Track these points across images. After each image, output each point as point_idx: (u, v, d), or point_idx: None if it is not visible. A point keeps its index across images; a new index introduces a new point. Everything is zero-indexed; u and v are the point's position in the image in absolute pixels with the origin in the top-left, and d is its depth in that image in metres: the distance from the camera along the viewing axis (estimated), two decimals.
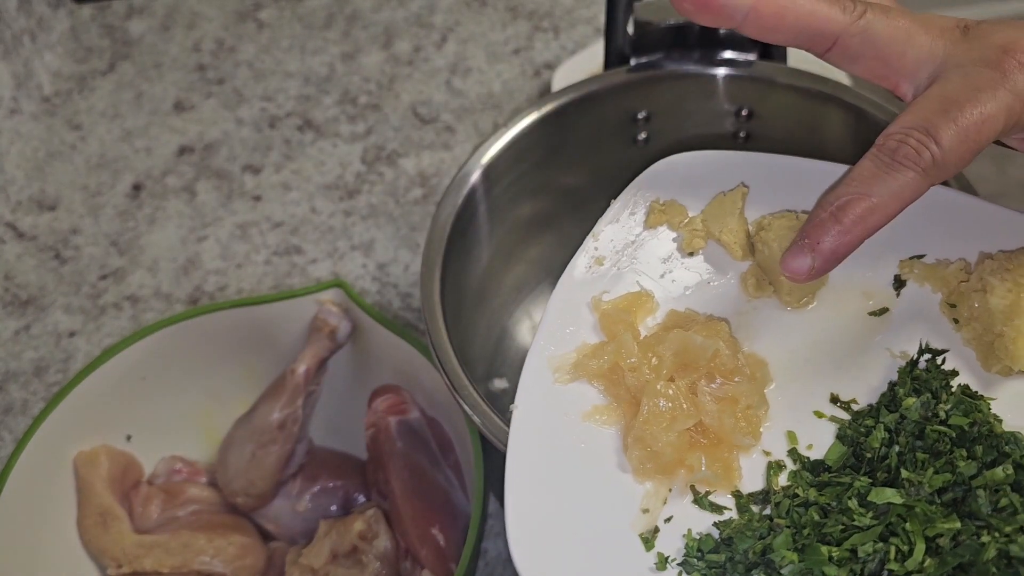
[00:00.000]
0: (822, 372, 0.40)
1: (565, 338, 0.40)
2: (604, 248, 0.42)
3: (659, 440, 0.37)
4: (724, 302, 0.42)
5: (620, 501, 0.37)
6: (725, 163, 0.43)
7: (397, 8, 0.96)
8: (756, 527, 0.36)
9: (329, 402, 0.63)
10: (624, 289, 0.42)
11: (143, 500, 0.60)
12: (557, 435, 0.38)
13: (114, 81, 0.93)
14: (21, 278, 0.80)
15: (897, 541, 0.34)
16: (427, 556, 0.54)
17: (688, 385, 0.38)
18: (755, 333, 0.41)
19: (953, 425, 0.37)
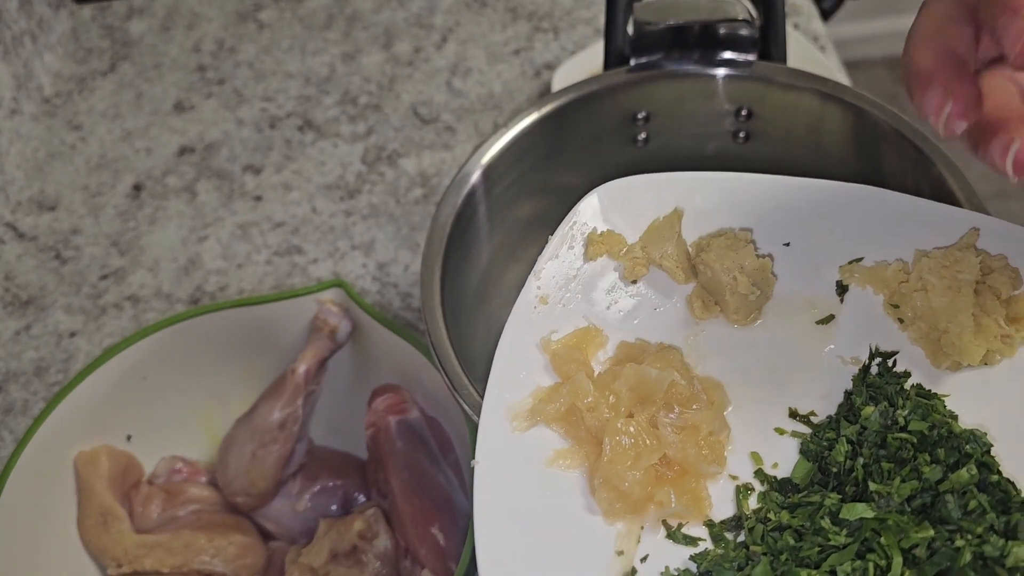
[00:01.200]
0: (778, 388, 0.40)
1: (518, 383, 0.39)
2: (547, 286, 0.42)
3: (625, 479, 0.36)
4: (673, 327, 0.42)
5: (593, 546, 0.36)
6: (657, 186, 0.42)
7: (397, 9, 0.96)
8: (733, 557, 0.35)
9: (329, 402, 0.63)
10: (572, 326, 0.41)
11: (143, 500, 0.60)
12: (521, 485, 0.37)
13: (114, 81, 0.94)
14: (22, 278, 0.80)
15: (874, 557, 0.33)
16: (427, 555, 0.54)
17: (648, 419, 0.38)
18: (707, 355, 0.41)
19: (913, 431, 0.37)
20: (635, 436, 0.37)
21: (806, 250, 0.37)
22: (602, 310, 0.42)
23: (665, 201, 0.42)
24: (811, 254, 0.38)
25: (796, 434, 0.39)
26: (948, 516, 0.34)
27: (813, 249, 0.37)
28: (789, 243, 0.41)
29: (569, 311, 0.41)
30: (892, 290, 0.41)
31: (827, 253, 0.41)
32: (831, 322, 0.41)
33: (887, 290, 0.41)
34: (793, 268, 0.37)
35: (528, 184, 0.61)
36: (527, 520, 0.37)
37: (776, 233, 0.42)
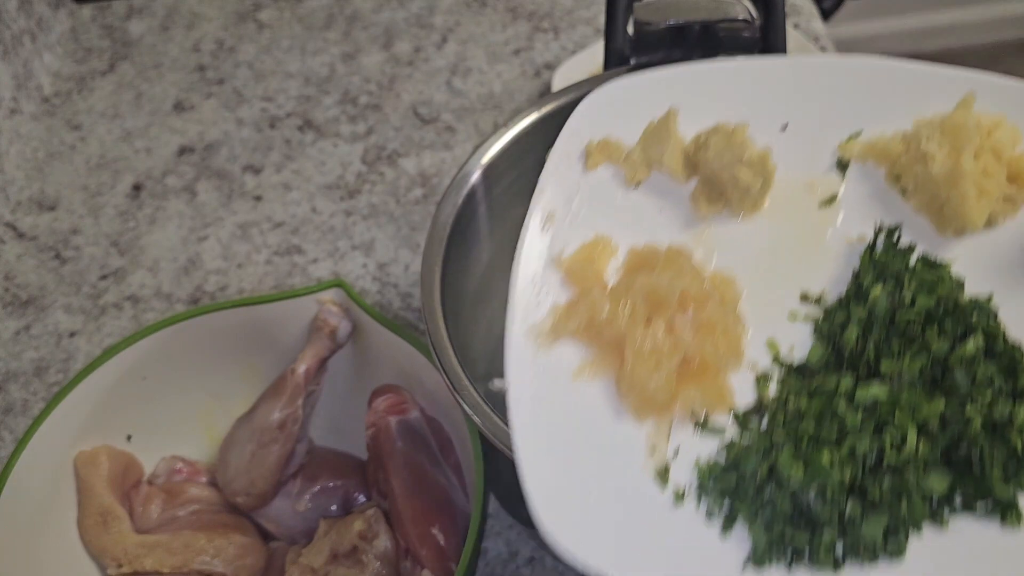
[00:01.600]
0: (787, 274, 0.41)
1: (537, 304, 0.40)
2: (552, 203, 0.42)
3: (650, 382, 0.37)
4: (679, 226, 0.42)
5: (627, 448, 0.38)
6: (647, 86, 0.43)
7: (397, 9, 0.96)
8: (758, 445, 0.36)
9: (329, 402, 0.63)
10: (581, 239, 0.42)
11: (143, 500, 0.60)
12: (553, 400, 0.39)
13: (114, 81, 0.94)
14: (21, 278, 0.80)
15: (890, 433, 0.35)
16: (427, 556, 0.54)
17: (665, 323, 0.38)
18: (715, 250, 0.41)
19: (920, 308, 0.38)
20: (654, 341, 0.38)
21: (803, 131, 0.38)
22: (609, 219, 0.42)
23: (658, 101, 0.42)
24: (809, 135, 0.39)
25: (809, 317, 0.40)
26: (957, 387, 0.35)
27: (810, 129, 0.38)
28: (787, 125, 0.41)
29: (577, 225, 0.42)
30: (893, 161, 0.41)
31: (825, 132, 0.41)
32: (834, 202, 0.41)
33: (888, 162, 0.41)
34: (792, 153, 0.38)
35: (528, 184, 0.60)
36: (562, 432, 0.38)
37: (772, 117, 0.42)
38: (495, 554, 0.61)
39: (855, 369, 0.38)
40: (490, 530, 0.62)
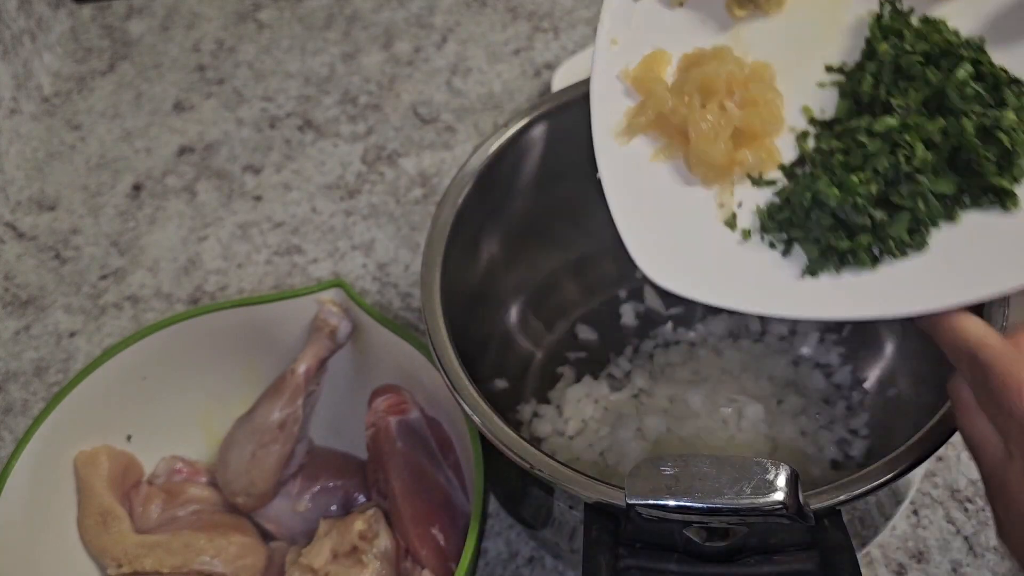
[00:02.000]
0: (813, 52, 0.49)
1: (613, 110, 0.49)
2: (613, 30, 0.50)
3: (712, 153, 0.46)
4: (719, 31, 0.51)
5: (701, 206, 0.47)
6: None
7: (397, 9, 0.96)
8: (803, 183, 0.45)
9: (329, 402, 0.63)
10: (641, 54, 0.50)
11: (143, 500, 0.60)
12: (639, 179, 0.48)
13: (114, 81, 0.94)
14: (21, 278, 0.80)
15: (902, 150, 0.43)
16: (427, 556, 0.54)
17: (718, 105, 0.47)
18: (751, 45, 0.50)
19: (919, 50, 0.45)
20: (711, 120, 0.47)
21: None
22: (661, 35, 0.50)
23: None
24: None
25: (834, 83, 0.48)
26: (953, 106, 0.43)
27: None
28: None
29: (636, 44, 0.50)
30: None
31: None
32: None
33: None
34: None
35: (529, 183, 0.61)
36: (649, 201, 0.47)
37: None
38: (495, 554, 0.61)
39: (872, 111, 0.46)
40: (490, 530, 0.62)
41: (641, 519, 0.42)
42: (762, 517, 0.41)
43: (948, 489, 0.62)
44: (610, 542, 0.43)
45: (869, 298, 0.43)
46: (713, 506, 0.40)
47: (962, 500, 0.61)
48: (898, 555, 0.59)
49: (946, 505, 0.61)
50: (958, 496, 0.61)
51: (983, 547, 0.59)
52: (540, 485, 0.50)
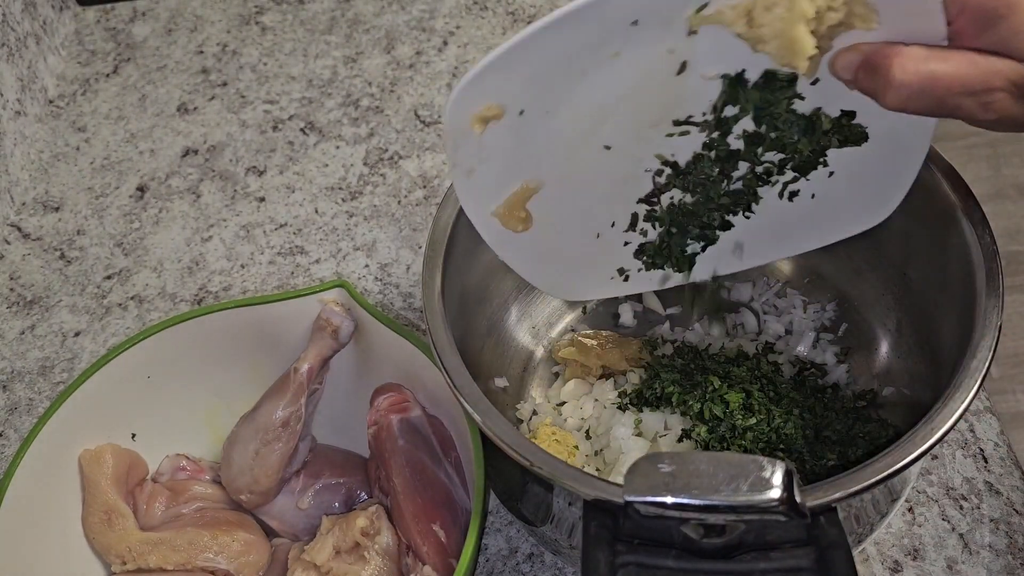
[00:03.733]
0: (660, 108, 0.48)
1: (492, 221, 0.51)
2: (467, 163, 0.48)
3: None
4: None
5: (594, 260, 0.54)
6: (496, 65, 0.46)
7: (399, 12, 0.97)
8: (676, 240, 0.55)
9: (332, 400, 0.64)
10: (499, 187, 0.50)
11: (148, 498, 0.61)
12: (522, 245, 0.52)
13: (118, 84, 0.94)
14: (26, 278, 0.80)
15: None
16: (428, 552, 0.54)
17: None
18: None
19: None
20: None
21: (653, 21, 0.43)
22: (514, 161, 0.50)
23: (511, 70, 0.46)
24: (659, 21, 0.43)
25: (683, 134, 0.49)
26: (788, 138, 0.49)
27: (660, 16, 0.43)
28: (636, 21, 0.44)
29: (490, 173, 0.50)
30: (730, 22, 0.45)
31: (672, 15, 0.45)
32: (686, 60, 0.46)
33: (732, 27, 0.45)
34: (648, 33, 0.43)
35: None
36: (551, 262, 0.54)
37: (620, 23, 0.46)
38: (495, 550, 0.62)
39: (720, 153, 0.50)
40: (490, 527, 0.63)
41: (639, 516, 0.42)
42: (758, 514, 0.41)
43: (943, 487, 0.62)
44: (608, 538, 0.44)
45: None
46: (710, 503, 0.41)
47: (957, 498, 0.62)
48: (893, 552, 0.60)
49: (941, 503, 0.61)
50: (953, 494, 0.62)
51: (978, 544, 0.60)
52: (540, 482, 0.51)
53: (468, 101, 0.45)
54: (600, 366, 0.64)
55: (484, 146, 0.47)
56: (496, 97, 0.45)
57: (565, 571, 0.61)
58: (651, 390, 0.58)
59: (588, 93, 0.46)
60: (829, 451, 0.55)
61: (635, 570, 0.43)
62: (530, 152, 0.48)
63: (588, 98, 0.46)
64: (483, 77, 0.44)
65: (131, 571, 0.57)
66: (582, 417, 0.62)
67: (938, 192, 0.53)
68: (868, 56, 0.42)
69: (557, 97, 0.46)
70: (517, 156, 0.48)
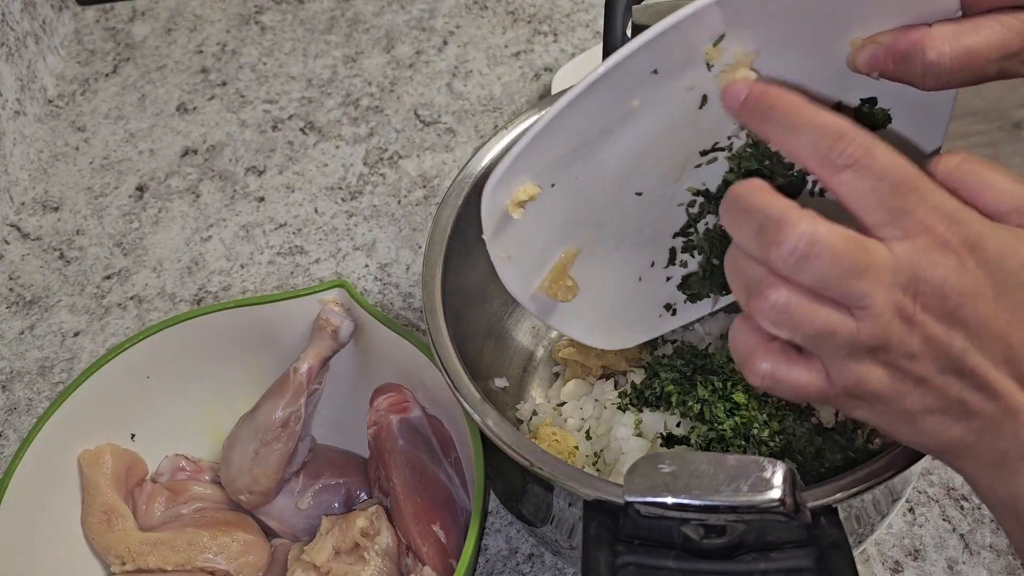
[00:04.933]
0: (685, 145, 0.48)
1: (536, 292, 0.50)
2: (503, 248, 0.48)
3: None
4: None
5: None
6: (526, 155, 0.45)
7: (398, 12, 0.97)
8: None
9: (332, 401, 0.64)
10: (540, 263, 0.50)
11: (147, 498, 0.61)
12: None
13: (118, 83, 0.94)
14: (26, 278, 0.80)
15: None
16: (428, 552, 0.54)
17: None
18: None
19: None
20: None
21: (670, 69, 0.43)
22: (546, 239, 0.50)
23: (537, 157, 0.46)
24: (677, 65, 0.43)
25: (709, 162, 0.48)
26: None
27: (677, 62, 0.43)
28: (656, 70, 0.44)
29: (528, 254, 0.49)
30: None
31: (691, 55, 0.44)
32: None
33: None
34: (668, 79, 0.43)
35: None
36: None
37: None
38: (495, 551, 0.62)
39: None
40: (490, 527, 0.63)
41: (639, 516, 0.42)
42: (759, 514, 0.41)
43: (944, 487, 0.62)
44: (609, 539, 0.44)
45: None
46: (710, 503, 0.41)
47: (958, 498, 0.61)
48: (894, 552, 0.60)
49: (942, 503, 0.61)
50: (954, 494, 0.62)
51: (979, 545, 0.60)
52: (540, 483, 0.51)
53: (504, 189, 0.45)
54: (600, 366, 0.63)
55: (520, 228, 0.46)
56: (529, 177, 0.45)
57: (565, 571, 0.61)
58: (651, 390, 0.58)
59: (614, 150, 0.45)
60: (829, 451, 0.55)
61: (635, 570, 0.43)
62: (565, 221, 0.48)
63: (615, 155, 0.46)
64: (516, 166, 0.44)
65: (130, 571, 0.57)
66: (582, 417, 0.62)
67: None
68: (893, 45, 0.41)
69: (585, 162, 0.45)
70: (553, 229, 0.48)
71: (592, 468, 0.58)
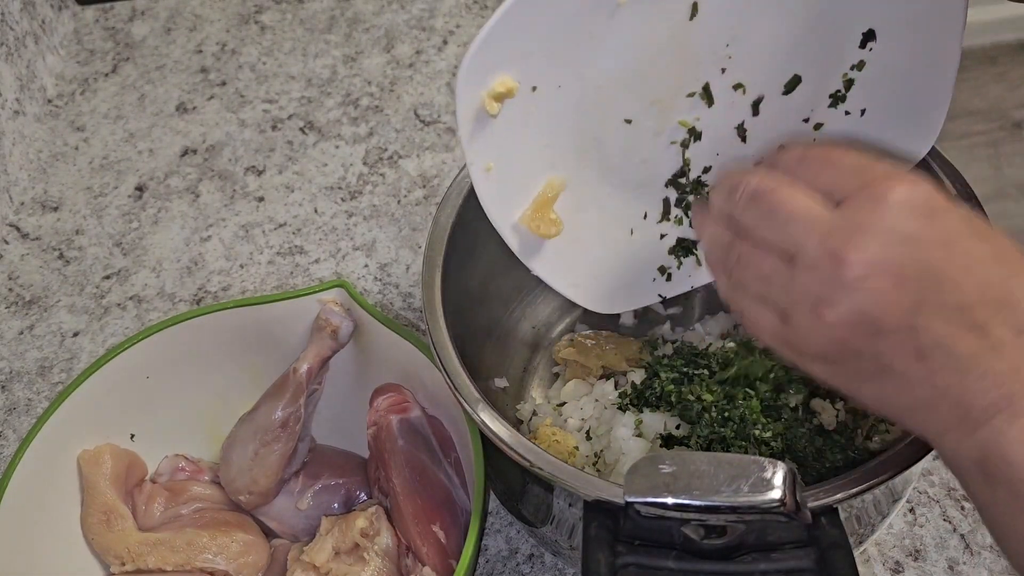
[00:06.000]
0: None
1: (516, 226, 0.50)
2: (482, 157, 0.47)
3: None
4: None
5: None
6: (504, 28, 0.44)
7: (398, 11, 0.97)
8: None
9: (331, 401, 0.64)
10: (522, 186, 0.49)
11: (147, 498, 0.61)
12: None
13: (117, 83, 0.94)
14: (25, 278, 0.80)
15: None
16: (428, 553, 0.54)
17: None
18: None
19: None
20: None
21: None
22: (526, 151, 0.48)
23: (518, 35, 0.45)
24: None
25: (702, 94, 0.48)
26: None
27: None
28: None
29: (510, 170, 0.48)
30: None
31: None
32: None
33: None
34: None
35: None
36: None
37: None
38: (495, 551, 0.62)
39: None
40: (490, 527, 0.63)
41: (640, 517, 0.42)
42: (759, 515, 0.41)
43: (945, 487, 0.62)
44: (609, 539, 0.44)
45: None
46: (711, 504, 0.41)
47: (958, 499, 0.61)
48: (895, 553, 0.60)
49: (943, 503, 0.61)
50: (955, 495, 0.62)
51: (979, 545, 0.59)
52: (540, 483, 0.51)
53: (478, 74, 0.43)
54: (600, 366, 0.63)
55: (500, 134, 0.45)
56: (506, 66, 0.43)
57: (565, 572, 0.61)
58: (651, 390, 0.58)
59: (600, 62, 0.44)
60: (830, 451, 0.55)
61: (635, 571, 0.43)
62: (548, 139, 0.46)
63: (600, 67, 0.44)
64: (489, 43, 0.42)
65: (130, 572, 0.57)
66: (582, 418, 0.61)
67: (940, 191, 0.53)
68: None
69: (567, 66, 0.44)
70: (535, 145, 0.46)
71: (592, 468, 0.58)
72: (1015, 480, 0.35)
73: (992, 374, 0.35)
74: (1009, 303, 0.36)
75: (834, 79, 0.49)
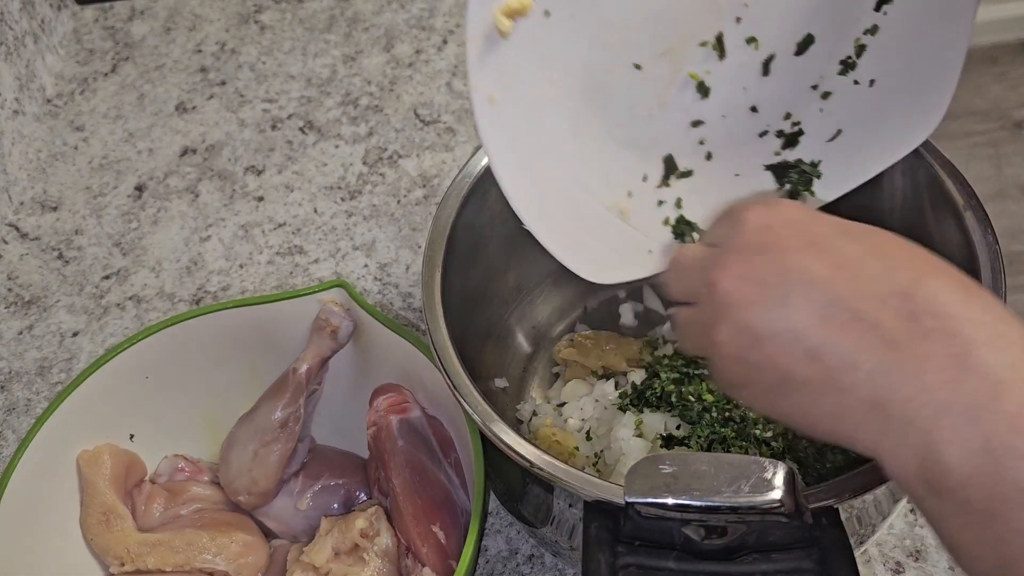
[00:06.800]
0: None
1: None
2: (487, 84, 0.45)
3: None
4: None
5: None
6: None
7: (398, 11, 0.97)
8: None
9: (331, 401, 0.64)
10: (526, 119, 0.46)
11: (146, 498, 0.61)
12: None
13: (116, 83, 0.94)
14: (24, 278, 0.80)
15: None
16: (428, 553, 0.54)
17: None
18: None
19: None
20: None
21: None
22: (535, 82, 0.46)
23: None
24: None
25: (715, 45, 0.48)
26: None
27: None
28: None
29: (515, 102, 0.45)
30: None
31: None
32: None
33: None
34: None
35: None
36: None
37: None
38: (495, 552, 0.62)
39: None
40: (490, 528, 0.63)
41: (640, 517, 0.42)
42: (760, 515, 0.41)
43: None
44: (609, 540, 0.44)
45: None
46: (711, 504, 0.41)
47: None
48: (896, 553, 0.59)
49: None
50: None
51: None
52: (540, 483, 0.51)
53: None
54: (600, 366, 0.63)
55: (508, 60, 0.43)
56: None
57: (565, 573, 0.61)
58: (651, 390, 0.58)
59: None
60: (831, 451, 0.55)
61: (636, 571, 0.43)
62: (557, 73, 0.44)
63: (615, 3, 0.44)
64: None
65: (129, 572, 0.57)
66: (583, 418, 0.61)
67: (940, 191, 0.53)
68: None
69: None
70: (543, 79, 0.44)
71: (592, 469, 0.58)
72: (956, 488, 0.32)
73: (896, 367, 0.33)
74: (897, 294, 0.35)
75: (846, 43, 0.48)
